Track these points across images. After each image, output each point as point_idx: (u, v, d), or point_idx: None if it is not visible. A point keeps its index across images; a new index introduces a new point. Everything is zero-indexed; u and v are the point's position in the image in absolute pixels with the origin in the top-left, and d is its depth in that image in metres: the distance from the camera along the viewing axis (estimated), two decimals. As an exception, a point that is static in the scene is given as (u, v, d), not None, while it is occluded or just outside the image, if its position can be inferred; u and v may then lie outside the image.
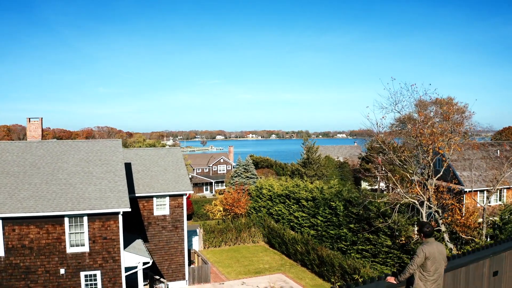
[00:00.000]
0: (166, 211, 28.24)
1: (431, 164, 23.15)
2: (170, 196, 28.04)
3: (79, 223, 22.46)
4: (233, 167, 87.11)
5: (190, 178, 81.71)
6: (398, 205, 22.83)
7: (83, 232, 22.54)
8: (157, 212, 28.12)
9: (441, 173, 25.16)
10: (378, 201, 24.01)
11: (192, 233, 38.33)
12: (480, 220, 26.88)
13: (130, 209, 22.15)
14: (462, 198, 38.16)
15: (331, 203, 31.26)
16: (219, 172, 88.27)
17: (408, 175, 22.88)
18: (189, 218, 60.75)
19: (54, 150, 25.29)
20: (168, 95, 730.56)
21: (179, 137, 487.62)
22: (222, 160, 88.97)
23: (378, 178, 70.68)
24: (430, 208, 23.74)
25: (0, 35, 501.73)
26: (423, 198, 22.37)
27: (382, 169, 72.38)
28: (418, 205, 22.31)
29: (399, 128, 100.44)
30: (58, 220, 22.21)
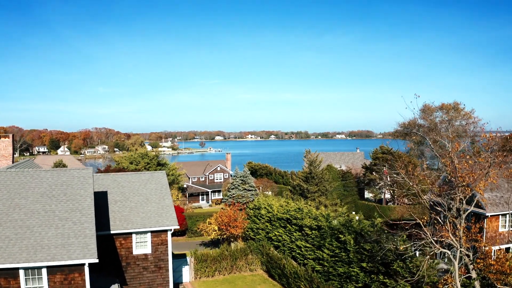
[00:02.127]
0: (147, 249, 24.19)
1: (464, 202, 19.16)
2: (152, 232, 23.99)
3: (37, 276, 18.46)
4: (230, 176, 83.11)
5: (185, 188, 77.68)
6: (427, 258, 18.80)
7: (42, 287, 18.54)
8: (137, 250, 24.06)
9: (471, 208, 21.18)
10: (401, 247, 19.91)
11: (182, 262, 34.27)
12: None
13: (97, 260, 18.11)
14: (483, 224, 34.24)
15: (340, 235, 27.21)
16: (216, 180, 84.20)
17: (438, 218, 18.82)
18: (182, 234, 56.84)
19: (12, 183, 21.23)
20: (168, 95, 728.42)
21: (178, 138, 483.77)
22: (219, 168, 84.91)
23: (384, 189, 66.68)
24: (460, 251, 19.70)
25: (0, 35, 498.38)
26: (456, 244, 18.37)
27: (387, 180, 68.43)
28: (450, 254, 18.29)
29: (403, 133, 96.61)
30: (11, 272, 18.25)
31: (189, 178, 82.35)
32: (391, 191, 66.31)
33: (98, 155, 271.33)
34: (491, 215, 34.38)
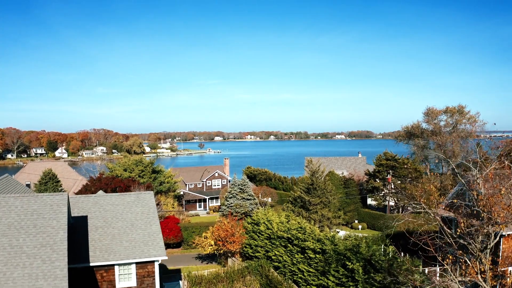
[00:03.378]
0: (132, 282, 21.63)
1: (493, 235, 16.67)
2: (137, 263, 21.42)
3: (-2, 324, 15.90)
4: (229, 182, 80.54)
5: (182, 195, 75.03)
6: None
7: (5, 336, 15.98)
8: (120, 284, 21.49)
9: (497, 238, 18.64)
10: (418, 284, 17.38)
11: (174, 286, 31.75)
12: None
13: (68, 308, 15.58)
14: (498, 243, 31.70)
15: (347, 262, 24.66)
16: (213, 187, 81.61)
17: (465, 257, 16.27)
18: (178, 246, 54.36)
19: (-24, 211, 18.67)
20: (167, 96, 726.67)
21: (177, 138, 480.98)
22: (216, 174, 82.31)
23: (388, 197, 64.15)
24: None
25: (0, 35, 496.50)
26: (483, 285, 15.84)
27: (391, 187, 65.97)
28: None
29: (407, 138, 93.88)
30: (-31, 319, 15.70)
31: (186, 184, 79.77)
32: (395, 199, 63.85)
33: (96, 157, 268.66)
34: (507, 234, 31.85)
